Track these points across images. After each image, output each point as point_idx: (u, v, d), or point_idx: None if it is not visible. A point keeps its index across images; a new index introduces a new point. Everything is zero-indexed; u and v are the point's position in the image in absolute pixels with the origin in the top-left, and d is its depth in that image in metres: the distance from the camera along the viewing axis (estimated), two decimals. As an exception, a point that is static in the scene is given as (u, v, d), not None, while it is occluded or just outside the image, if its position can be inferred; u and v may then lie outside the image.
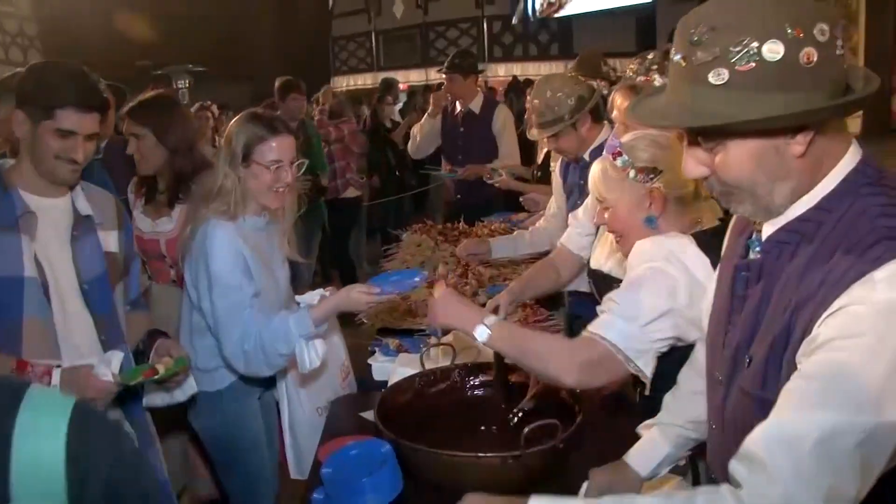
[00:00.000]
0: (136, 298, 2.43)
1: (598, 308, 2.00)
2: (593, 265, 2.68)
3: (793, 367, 1.21)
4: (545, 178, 4.42)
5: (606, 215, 2.08)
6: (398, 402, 2.24)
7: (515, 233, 3.75)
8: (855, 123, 5.39)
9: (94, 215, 2.20)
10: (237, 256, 2.40)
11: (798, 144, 1.21)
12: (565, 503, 1.20)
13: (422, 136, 5.73)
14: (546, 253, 3.32)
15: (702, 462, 1.85)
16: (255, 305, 2.40)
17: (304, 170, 2.52)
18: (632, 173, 2.01)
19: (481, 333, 1.95)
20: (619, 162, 2.03)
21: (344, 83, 15.79)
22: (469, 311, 2.04)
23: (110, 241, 2.24)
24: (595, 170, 2.12)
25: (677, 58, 1.24)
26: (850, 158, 1.25)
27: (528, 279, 2.91)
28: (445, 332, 2.38)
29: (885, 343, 1.11)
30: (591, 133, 3.27)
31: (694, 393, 1.72)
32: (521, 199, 4.55)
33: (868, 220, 1.18)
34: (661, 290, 1.89)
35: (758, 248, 1.37)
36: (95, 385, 1.99)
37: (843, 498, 1.11)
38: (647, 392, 2.01)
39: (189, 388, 2.34)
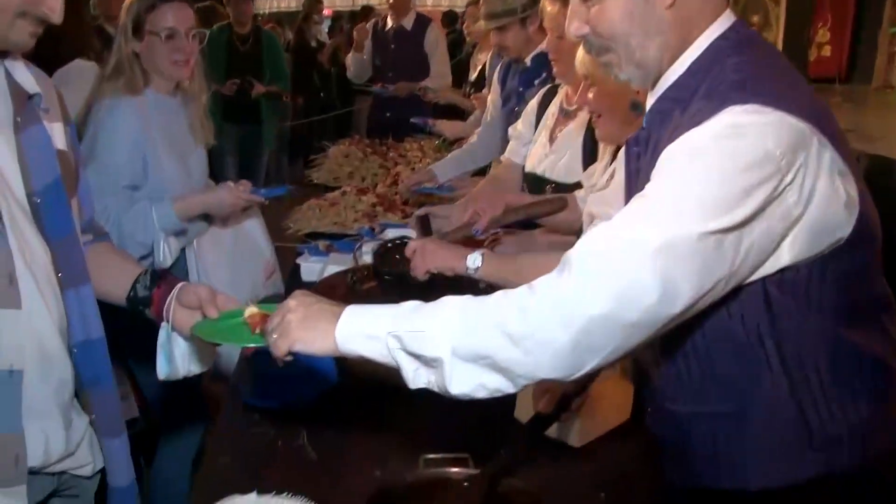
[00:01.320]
0: (91, 221, 1.65)
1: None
2: (528, 169, 2.65)
3: None
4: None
5: (590, 94, 2.00)
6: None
7: (454, 151, 3.66)
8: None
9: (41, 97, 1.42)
10: (132, 140, 2.25)
11: None
12: (376, 307, 1.20)
13: (354, 67, 5.65)
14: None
15: None
16: (124, 198, 2.26)
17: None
18: None
19: (473, 262, 1.89)
20: None
21: (267, 5, 15.22)
22: (452, 249, 1.99)
23: (57, 135, 1.46)
24: None
25: None
26: (721, 24, 1.26)
27: (483, 187, 2.89)
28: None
29: (704, 157, 1.13)
30: (538, 35, 3.16)
31: None
32: (429, 126, 4.54)
33: (722, 74, 1.20)
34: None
35: (644, 122, 1.37)
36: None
37: (636, 302, 1.08)
38: None
39: None
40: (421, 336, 1.13)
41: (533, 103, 2.81)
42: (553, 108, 2.62)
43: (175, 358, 1.54)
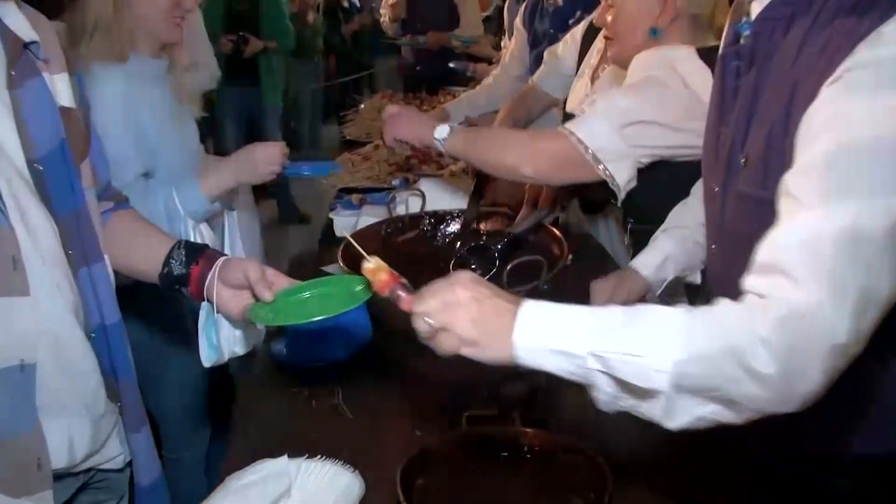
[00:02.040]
0: (108, 186, 1.45)
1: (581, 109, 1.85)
2: (569, 108, 2.49)
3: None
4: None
5: (609, 16, 1.87)
6: (365, 251, 2.03)
7: (468, 92, 3.46)
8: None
9: (39, 45, 1.22)
10: (128, 117, 1.80)
11: None
12: (564, 310, 0.99)
13: (389, 20, 5.45)
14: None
15: None
16: (137, 189, 1.77)
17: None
18: None
19: (441, 132, 1.82)
20: None
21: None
22: (423, 120, 1.93)
23: (61, 89, 1.25)
24: None
25: None
26: None
27: (504, 116, 2.73)
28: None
29: None
30: None
31: (697, 196, 1.58)
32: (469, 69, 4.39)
33: None
34: (651, 98, 1.71)
35: (748, 32, 1.20)
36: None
37: (875, 300, 0.93)
38: (618, 203, 1.83)
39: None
40: (636, 362, 0.91)
41: (577, 33, 2.61)
42: (599, 44, 2.42)
43: (219, 341, 1.42)
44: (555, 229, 2.01)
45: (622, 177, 1.70)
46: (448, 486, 1.26)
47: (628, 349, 0.91)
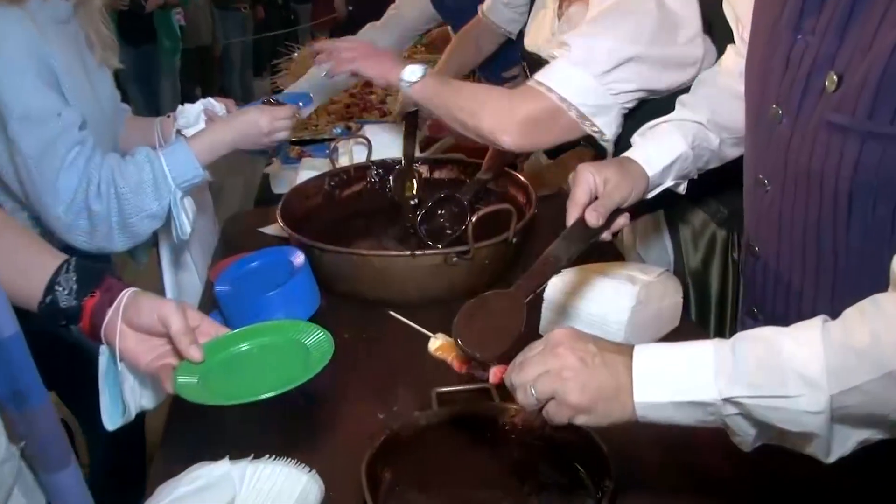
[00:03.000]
0: None
1: (548, 53, 1.62)
2: (528, 46, 2.26)
3: None
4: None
5: None
6: (305, 207, 1.82)
7: (369, 26, 2.94)
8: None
9: None
10: (39, 63, 1.45)
11: None
12: (680, 352, 0.85)
13: None
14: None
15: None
16: (87, 142, 1.49)
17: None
18: None
19: (411, 74, 1.57)
20: None
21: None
22: (389, 56, 1.69)
23: None
24: None
25: None
26: None
27: (449, 57, 2.48)
28: None
29: None
30: None
31: (721, 90, 1.33)
32: None
33: None
34: (626, 31, 1.51)
35: None
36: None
37: None
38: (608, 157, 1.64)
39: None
40: (782, 405, 0.78)
41: None
42: None
43: (124, 395, 1.08)
44: (519, 175, 1.82)
45: (611, 130, 1.53)
46: (421, 478, 1.08)
47: (770, 391, 0.78)
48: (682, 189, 1.38)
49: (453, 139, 2.24)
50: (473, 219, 1.45)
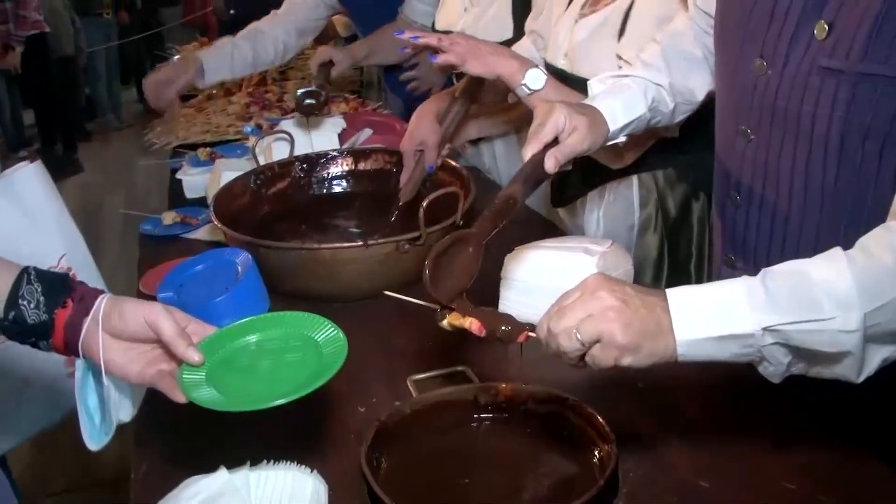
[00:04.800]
0: None
1: None
2: (439, 26, 2.27)
3: None
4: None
5: None
6: (234, 208, 1.75)
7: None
8: None
9: None
10: None
11: None
12: (712, 291, 0.88)
13: None
14: None
15: None
16: None
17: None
18: None
19: (535, 81, 1.47)
20: None
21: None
22: (509, 53, 1.54)
23: None
24: None
25: None
26: None
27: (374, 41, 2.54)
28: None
29: None
30: None
31: (677, 53, 1.34)
32: None
33: None
34: None
35: None
36: None
37: None
38: None
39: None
40: (820, 326, 0.81)
41: None
42: None
43: (109, 411, 0.99)
44: (451, 161, 1.81)
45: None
46: (418, 462, 1.06)
47: (807, 315, 0.82)
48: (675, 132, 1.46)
49: (371, 131, 2.20)
50: (424, 204, 1.43)
